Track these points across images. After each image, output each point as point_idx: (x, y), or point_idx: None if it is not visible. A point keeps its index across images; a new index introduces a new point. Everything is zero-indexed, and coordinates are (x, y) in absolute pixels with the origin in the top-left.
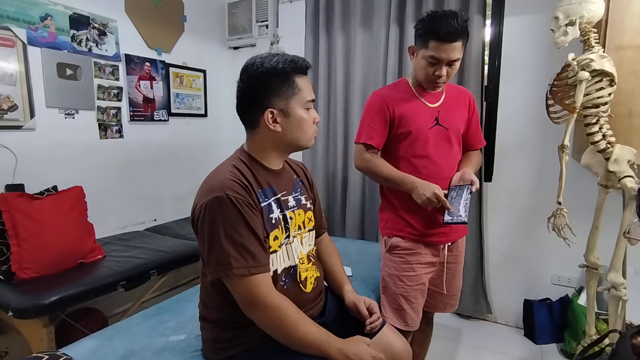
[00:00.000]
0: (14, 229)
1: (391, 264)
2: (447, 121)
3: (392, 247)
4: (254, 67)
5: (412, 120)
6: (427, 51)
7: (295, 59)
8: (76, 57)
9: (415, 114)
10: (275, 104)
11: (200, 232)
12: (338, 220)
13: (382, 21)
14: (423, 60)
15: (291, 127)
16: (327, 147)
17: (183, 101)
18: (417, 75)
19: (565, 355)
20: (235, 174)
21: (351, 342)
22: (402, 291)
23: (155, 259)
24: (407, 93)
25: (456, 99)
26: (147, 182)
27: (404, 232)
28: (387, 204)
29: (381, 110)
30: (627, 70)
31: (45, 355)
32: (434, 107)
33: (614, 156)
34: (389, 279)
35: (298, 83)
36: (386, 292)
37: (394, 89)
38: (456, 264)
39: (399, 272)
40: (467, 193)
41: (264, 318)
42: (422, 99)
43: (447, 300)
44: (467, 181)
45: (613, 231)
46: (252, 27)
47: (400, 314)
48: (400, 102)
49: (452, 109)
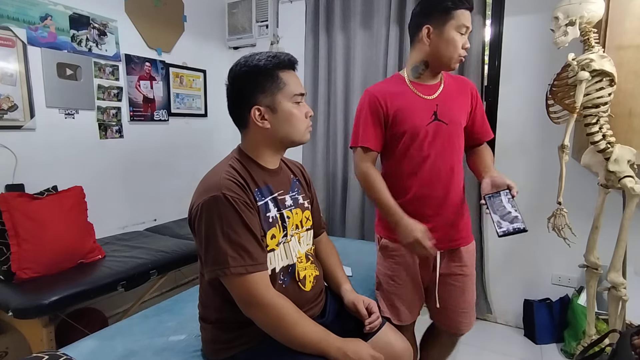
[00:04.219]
0: (14, 229)
1: (383, 262)
2: (446, 115)
3: (382, 248)
4: (238, 67)
5: (408, 118)
6: (458, 20)
7: (278, 55)
8: (76, 57)
9: (411, 109)
10: (261, 101)
11: (197, 232)
12: (338, 220)
13: (382, 21)
14: (455, 32)
15: (280, 123)
16: (327, 147)
17: (183, 101)
18: (443, 54)
19: (565, 355)
20: (231, 174)
21: (351, 341)
22: (393, 289)
23: (155, 259)
24: (401, 87)
25: (457, 89)
26: (147, 182)
27: (393, 234)
28: None
29: (374, 108)
30: (627, 70)
31: (45, 355)
32: (431, 99)
33: (614, 156)
34: (381, 277)
35: (283, 78)
36: (380, 289)
37: (386, 84)
38: (463, 276)
39: (390, 272)
40: (507, 198)
41: (262, 317)
42: (418, 92)
43: (461, 319)
44: (503, 186)
45: (613, 231)
46: (252, 27)
47: (394, 310)
48: (394, 97)
49: (452, 101)
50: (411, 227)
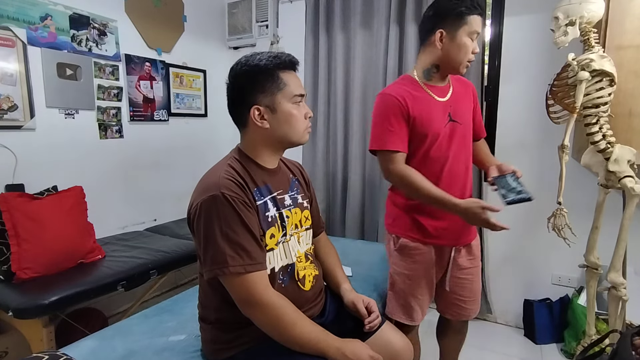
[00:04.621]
0: (14, 229)
1: (400, 262)
2: (459, 115)
3: (401, 247)
4: (238, 66)
5: (429, 121)
6: (470, 26)
7: (279, 55)
8: (76, 57)
9: (430, 112)
10: (261, 101)
11: (196, 231)
12: (338, 220)
13: (382, 21)
14: (466, 37)
15: (279, 123)
16: (327, 147)
17: (183, 101)
18: (454, 59)
19: (565, 355)
20: (230, 173)
21: (349, 342)
22: (410, 289)
23: (155, 259)
24: (417, 89)
25: (462, 90)
26: (147, 182)
27: (413, 233)
28: (398, 202)
29: (397, 110)
30: (627, 70)
31: (45, 355)
32: (444, 101)
33: (614, 156)
34: (397, 277)
35: (283, 78)
36: (394, 289)
37: (402, 86)
38: (473, 268)
39: (407, 272)
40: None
41: (260, 317)
42: (433, 94)
43: (470, 307)
44: (508, 171)
45: (613, 231)
46: (252, 27)
47: (407, 310)
48: (414, 99)
49: (461, 102)
50: (473, 210)
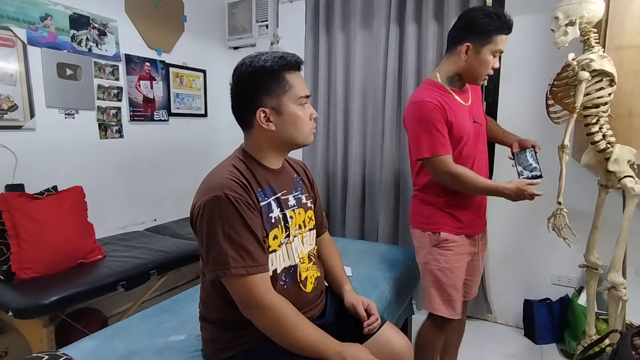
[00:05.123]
0: (14, 229)
1: (441, 257)
2: (479, 117)
3: (441, 241)
4: (243, 67)
5: (462, 123)
6: (495, 45)
7: (285, 56)
8: (76, 57)
9: (462, 116)
10: (267, 103)
11: (199, 232)
12: (338, 220)
13: (382, 21)
14: (490, 55)
15: (285, 125)
16: (327, 147)
17: (183, 101)
18: (475, 72)
19: (565, 355)
20: (234, 174)
21: (349, 346)
22: (452, 282)
23: (155, 259)
24: (446, 95)
25: (475, 94)
26: (147, 182)
27: (451, 227)
28: (431, 200)
29: (439, 116)
30: (627, 70)
31: (45, 355)
32: (468, 105)
33: (614, 156)
34: (439, 272)
35: (289, 80)
36: (437, 285)
37: (434, 92)
38: (484, 252)
39: (449, 265)
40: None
41: (261, 319)
42: (460, 99)
43: (475, 286)
44: (528, 145)
45: (613, 231)
46: (252, 27)
47: (451, 304)
48: (448, 105)
49: (478, 105)
50: (522, 188)
